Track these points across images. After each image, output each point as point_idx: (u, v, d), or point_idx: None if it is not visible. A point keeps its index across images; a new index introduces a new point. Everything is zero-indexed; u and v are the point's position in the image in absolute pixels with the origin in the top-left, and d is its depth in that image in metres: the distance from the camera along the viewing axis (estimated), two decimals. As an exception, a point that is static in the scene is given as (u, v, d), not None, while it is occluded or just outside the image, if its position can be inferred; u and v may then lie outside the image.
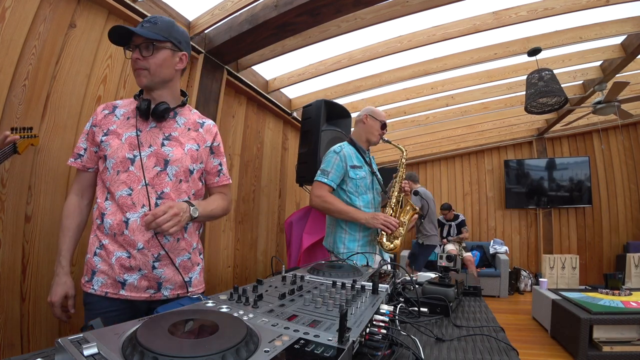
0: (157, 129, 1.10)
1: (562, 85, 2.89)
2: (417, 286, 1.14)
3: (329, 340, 0.52)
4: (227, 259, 2.72)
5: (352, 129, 2.91)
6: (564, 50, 3.09)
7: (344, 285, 0.88)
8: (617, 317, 2.55)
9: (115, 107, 1.12)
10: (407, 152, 1.97)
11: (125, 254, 1.02)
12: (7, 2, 1.37)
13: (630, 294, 3.01)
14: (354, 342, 0.53)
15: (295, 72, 3.05)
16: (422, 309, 0.97)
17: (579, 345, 2.56)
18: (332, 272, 1.02)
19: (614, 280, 3.21)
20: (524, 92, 3.09)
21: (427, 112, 4.30)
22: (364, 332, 0.61)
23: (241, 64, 2.67)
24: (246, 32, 2.10)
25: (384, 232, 1.73)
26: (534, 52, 2.81)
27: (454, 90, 3.65)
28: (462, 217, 5.47)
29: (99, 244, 1.04)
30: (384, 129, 1.90)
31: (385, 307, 0.75)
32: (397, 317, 0.80)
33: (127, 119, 1.09)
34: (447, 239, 5.36)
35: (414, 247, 4.73)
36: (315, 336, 0.53)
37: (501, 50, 2.91)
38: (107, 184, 1.05)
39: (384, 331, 0.65)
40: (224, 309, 0.64)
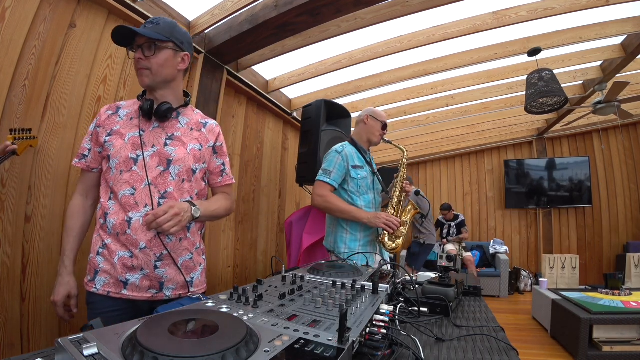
0: (160, 129, 1.10)
1: (562, 85, 2.89)
2: (417, 286, 1.14)
3: (329, 340, 0.52)
4: (227, 259, 2.72)
5: (352, 129, 2.92)
6: (564, 50, 3.09)
7: (344, 285, 0.88)
8: (617, 317, 2.55)
9: (118, 108, 1.13)
10: (408, 153, 1.98)
11: (127, 253, 1.02)
12: (7, 2, 1.37)
13: (630, 294, 3.01)
14: (354, 342, 0.53)
15: (295, 72, 3.05)
16: (422, 309, 0.97)
17: (579, 345, 2.56)
18: (332, 272, 1.02)
19: (614, 280, 3.21)
20: (524, 92, 3.09)
21: (427, 112, 4.30)
22: (364, 332, 0.61)
23: (241, 64, 2.67)
24: (246, 32, 2.10)
25: (385, 232, 1.73)
26: (534, 52, 2.81)
27: (454, 90, 3.65)
28: (461, 217, 5.47)
29: (102, 243, 1.05)
30: (384, 129, 1.91)
31: (385, 307, 0.75)
32: (397, 317, 0.80)
33: (131, 119, 1.10)
34: (447, 239, 5.36)
35: (413, 246, 4.73)
36: (315, 336, 0.53)
37: (501, 50, 2.91)
38: (110, 184, 1.06)
39: (384, 331, 0.65)
40: (224, 309, 0.64)
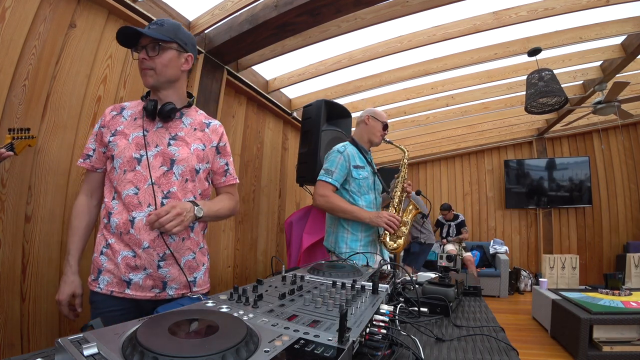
0: (164, 129, 1.10)
1: (562, 85, 2.89)
2: (417, 286, 1.14)
3: (329, 340, 0.52)
4: (227, 259, 2.72)
5: (352, 129, 2.92)
6: (564, 50, 3.09)
7: (344, 285, 0.88)
8: (617, 317, 2.55)
9: (123, 109, 1.14)
10: (408, 153, 1.98)
11: (130, 253, 1.02)
12: (7, 2, 1.37)
13: (630, 294, 3.01)
14: (354, 342, 0.53)
15: (295, 72, 3.05)
16: (422, 309, 0.97)
17: (579, 345, 2.56)
18: (332, 272, 1.02)
19: (614, 280, 3.21)
20: (524, 92, 3.09)
21: (427, 112, 4.30)
22: (364, 332, 0.61)
23: (241, 64, 2.67)
24: (246, 32, 2.10)
25: (387, 232, 1.73)
26: (534, 52, 2.81)
27: (454, 90, 3.65)
28: (461, 217, 5.47)
29: (106, 242, 1.05)
30: (385, 129, 1.91)
31: (385, 307, 0.75)
32: (397, 317, 0.80)
33: (134, 119, 1.11)
34: (446, 239, 5.35)
35: (413, 246, 4.73)
36: (315, 336, 0.53)
37: (501, 50, 2.91)
38: (114, 184, 1.06)
39: (384, 331, 0.65)
40: (224, 309, 0.64)
